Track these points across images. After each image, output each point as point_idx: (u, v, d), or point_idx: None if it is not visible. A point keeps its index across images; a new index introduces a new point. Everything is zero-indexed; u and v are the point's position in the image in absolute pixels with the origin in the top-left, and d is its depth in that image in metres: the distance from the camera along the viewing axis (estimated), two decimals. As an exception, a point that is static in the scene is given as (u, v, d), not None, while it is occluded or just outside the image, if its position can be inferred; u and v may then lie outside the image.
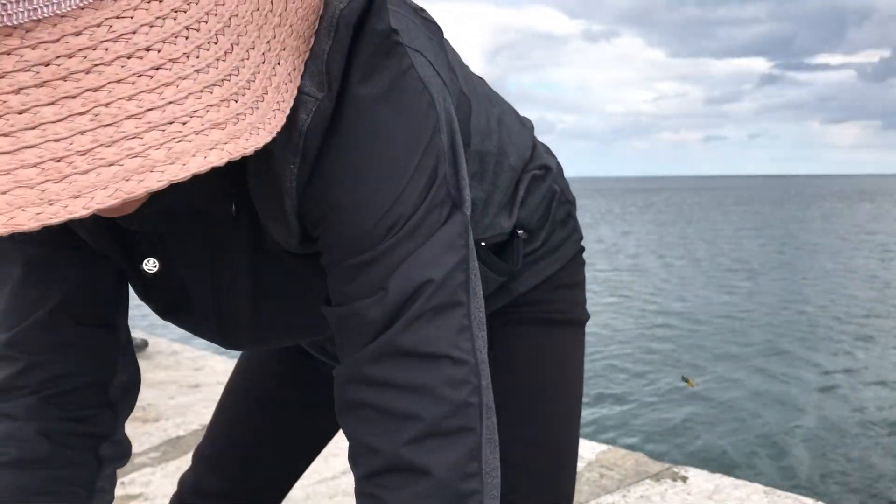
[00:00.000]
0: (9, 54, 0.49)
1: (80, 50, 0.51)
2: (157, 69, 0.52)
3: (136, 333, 4.95)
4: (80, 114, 0.51)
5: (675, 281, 18.38)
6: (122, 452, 0.95)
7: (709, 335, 11.99)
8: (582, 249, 1.13)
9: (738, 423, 7.78)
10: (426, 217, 0.69)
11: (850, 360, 10.35)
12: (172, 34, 0.53)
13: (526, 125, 1.08)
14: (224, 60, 0.56)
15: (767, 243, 28.47)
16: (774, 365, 10.15)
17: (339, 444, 2.87)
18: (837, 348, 11.09)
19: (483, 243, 0.96)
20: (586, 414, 7.86)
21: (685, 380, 8.24)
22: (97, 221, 0.79)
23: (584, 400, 1.12)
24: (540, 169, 1.03)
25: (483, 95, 0.97)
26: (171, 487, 2.40)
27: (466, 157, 0.82)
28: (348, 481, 2.42)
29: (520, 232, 1.00)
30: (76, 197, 0.50)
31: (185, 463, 2.62)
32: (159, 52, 0.53)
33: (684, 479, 2.37)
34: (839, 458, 6.81)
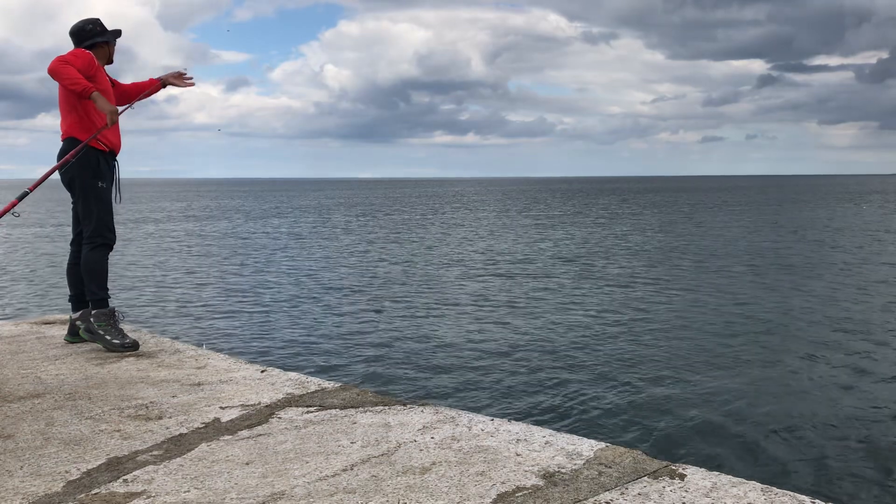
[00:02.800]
0: None
1: None
2: None
3: (141, 334, 4.96)
4: None
5: (677, 280, 18.38)
6: None
7: (709, 334, 12.00)
8: None
9: (737, 421, 7.79)
10: None
11: (850, 360, 10.36)
12: None
13: None
14: None
15: (769, 242, 28.46)
16: (773, 364, 10.17)
17: (339, 443, 2.88)
18: (837, 348, 11.10)
19: None
20: (585, 412, 7.87)
21: None
22: None
23: (584, 398, 1.13)
24: None
25: None
26: (174, 485, 2.42)
27: None
28: (349, 478, 2.44)
29: None
30: None
31: (188, 461, 2.64)
32: None
33: (682, 476, 2.38)
34: (837, 456, 6.83)
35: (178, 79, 4.97)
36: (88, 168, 4.50)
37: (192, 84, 5.02)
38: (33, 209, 58.72)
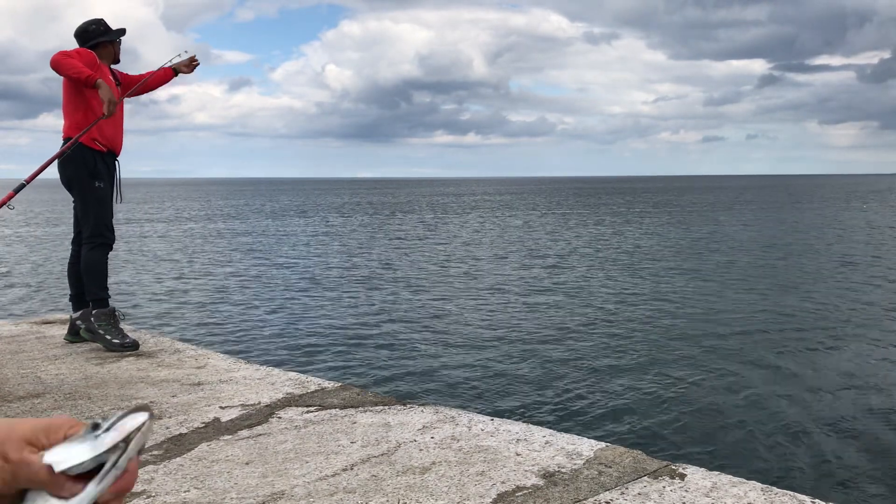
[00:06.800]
0: None
1: None
2: None
3: (141, 334, 4.96)
4: None
5: (678, 280, 18.38)
6: None
7: (709, 334, 12.00)
8: None
9: (737, 421, 7.79)
10: None
11: (850, 361, 10.35)
12: None
13: None
14: None
15: (770, 242, 28.44)
16: (774, 364, 10.16)
17: (339, 443, 2.87)
18: (838, 348, 11.09)
19: None
20: (585, 412, 7.87)
21: None
22: None
23: (584, 398, 1.13)
24: None
25: None
26: (174, 485, 2.42)
27: None
28: (349, 478, 2.43)
29: None
30: None
31: (188, 461, 2.64)
32: None
33: (682, 476, 2.38)
34: (837, 456, 6.82)
35: (188, 66, 5.03)
36: (85, 168, 4.50)
37: (197, 64, 5.08)
38: (46, 208, 58.73)
